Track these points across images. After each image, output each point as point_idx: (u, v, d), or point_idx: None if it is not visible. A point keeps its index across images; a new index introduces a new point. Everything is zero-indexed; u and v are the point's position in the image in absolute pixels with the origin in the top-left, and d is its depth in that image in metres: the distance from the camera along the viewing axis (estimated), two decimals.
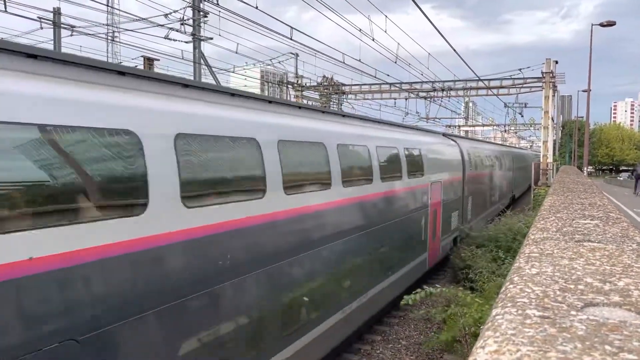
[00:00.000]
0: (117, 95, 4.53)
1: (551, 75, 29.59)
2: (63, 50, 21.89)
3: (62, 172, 3.94)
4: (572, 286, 1.67)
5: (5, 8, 16.76)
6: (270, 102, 7.50)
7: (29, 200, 3.71)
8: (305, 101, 34.61)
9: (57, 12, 22.00)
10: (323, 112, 10.12)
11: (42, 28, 22.14)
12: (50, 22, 21.81)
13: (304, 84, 37.09)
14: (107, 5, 31.72)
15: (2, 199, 3.53)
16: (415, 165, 12.85)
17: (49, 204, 3.80)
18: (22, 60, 3.97)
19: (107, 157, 4.22)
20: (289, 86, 36.54)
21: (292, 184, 6.93)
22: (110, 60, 43.57)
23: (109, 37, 30.72)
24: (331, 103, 37.09)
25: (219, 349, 5.46)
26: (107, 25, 31.74)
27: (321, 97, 37.62)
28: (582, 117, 72.26)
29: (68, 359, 3.76)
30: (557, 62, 30.47)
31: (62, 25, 22.03)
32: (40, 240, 3.61)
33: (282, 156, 6.68)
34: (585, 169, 38.14)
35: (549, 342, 1.16)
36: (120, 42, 32.32)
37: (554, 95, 31.77)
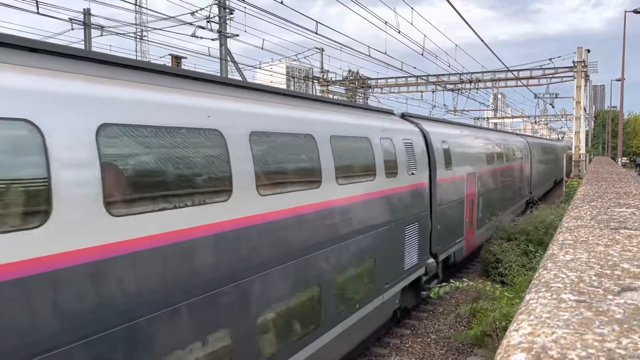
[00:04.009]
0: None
1: (583, 64, 28.84)
2: (93, 49, 22.35)
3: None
4: (608, 271, 1.63)
5: (38, 9, 17.18)
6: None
7: None
8: (331, 96, 34.56)
9: (87, 12, 22.45)
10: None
11: (72, 29, 22.64)
12: (81, 23, 22.28)
13: (329, 79, 37.03)
14: (136, 5, 32.22)
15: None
16: None
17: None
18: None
19: None
20: (315, 81, 36.53)
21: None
22: (139, 59, 44.27)
23: (138, 36, 31.20)
24: (357, 97, 36.95)
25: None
26: (136, 24, 32.27)
27: (347, 91, 37.53)
28: (616, 107, 70.32)
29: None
30: (589, 51, 29.68)
31: (92, 25, 22.48)
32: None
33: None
34: (619, 159, 37.13)
35: (586, 325, 1.14)
36: (148, 41, 32.81)
37: (586, 85, 30.95)
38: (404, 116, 12.11)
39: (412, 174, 10.57)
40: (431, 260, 11.66)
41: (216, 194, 5.26)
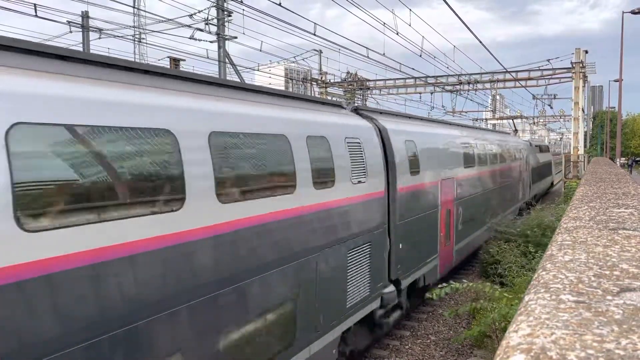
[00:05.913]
0: None
1: (581, 65, 28.89)
2: (92, 52, 22.34)
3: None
4: (607, 272, 1.63)
5: (36, 12, 17.19)
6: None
7: None
8: (329, 98, 34.60)
9: (85, 15, 22.44)
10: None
11: (71, 32, 22.64)
12: (79, 26, 22.27)
13: (328, 80, 37.06)
14: (134, 7, 32.22)
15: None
16: None
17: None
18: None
19: None
20: (313, 83, 36.55)
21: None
22: (137, 61, 44.20)
23: (136, 39, 31.21)
24: (356, 98, 36.98)
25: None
26: (134, 27, 32.26)
27: (345, 92, 37.54)
28: (614, 107, 70.34)
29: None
30: (587, 52, 29.72)
31: (90, 28, 22.48)
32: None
33: None
34: (617, 160, 37.18)
35: (585, 325, 1.14)
36: (146, 44, 32.84)
37: (584, 86, 31.00)
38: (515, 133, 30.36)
39: (520, 158, 23.75)
40: (526, 199, 25.11)
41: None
